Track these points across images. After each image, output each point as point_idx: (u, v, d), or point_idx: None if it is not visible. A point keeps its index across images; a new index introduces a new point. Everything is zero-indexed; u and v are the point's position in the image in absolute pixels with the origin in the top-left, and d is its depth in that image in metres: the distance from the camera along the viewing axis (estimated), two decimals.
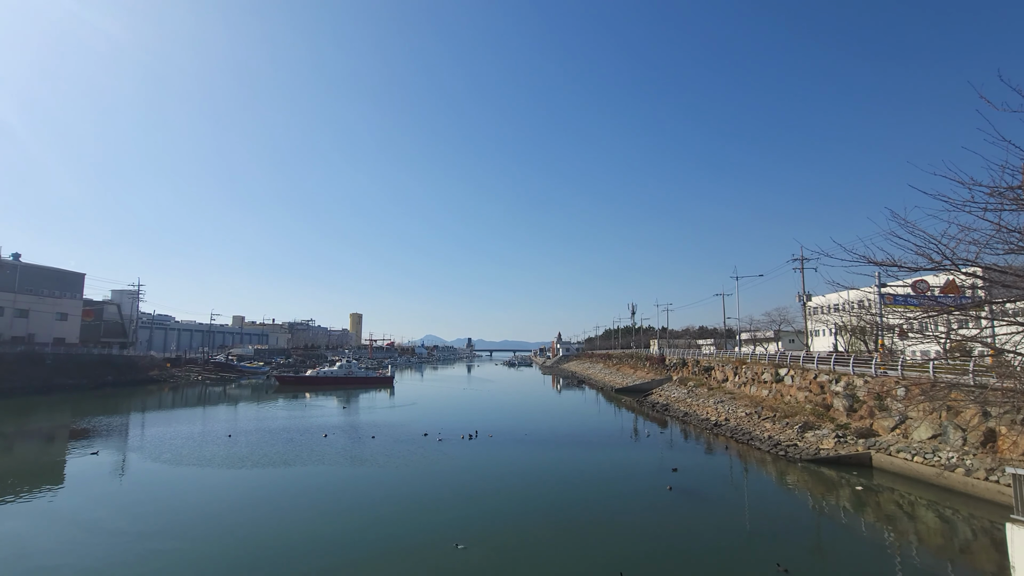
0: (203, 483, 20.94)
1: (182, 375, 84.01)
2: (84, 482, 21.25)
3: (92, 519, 16.24)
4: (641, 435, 34.89)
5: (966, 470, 18.88)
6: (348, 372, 76.69)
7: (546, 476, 23.20)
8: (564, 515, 17.51)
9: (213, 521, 16.17)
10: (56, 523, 15.83)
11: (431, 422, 37.53)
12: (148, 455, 25.68)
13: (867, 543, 15.59)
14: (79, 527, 15.41)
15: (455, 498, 19.37)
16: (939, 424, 21.52)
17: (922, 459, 20.78)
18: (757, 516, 18.11)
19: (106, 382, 67.61)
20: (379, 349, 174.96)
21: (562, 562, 13.65)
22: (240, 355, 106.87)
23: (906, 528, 16.73)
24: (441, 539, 14.66)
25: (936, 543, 15.57)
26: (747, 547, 15.01)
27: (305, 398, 59.17)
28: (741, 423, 33.08)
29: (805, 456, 24.80)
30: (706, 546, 15.06)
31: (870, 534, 16.27)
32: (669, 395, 50.67)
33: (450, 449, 28.13)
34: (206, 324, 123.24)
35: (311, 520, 16.45)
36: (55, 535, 14.75)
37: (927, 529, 16.68)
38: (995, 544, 14.83)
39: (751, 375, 40.93)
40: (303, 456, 25.65)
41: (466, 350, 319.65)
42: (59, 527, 15.46)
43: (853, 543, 15.64)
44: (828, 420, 27.78)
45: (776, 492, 21.25)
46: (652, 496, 20.01)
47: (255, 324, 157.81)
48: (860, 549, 15.15)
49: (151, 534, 14.77)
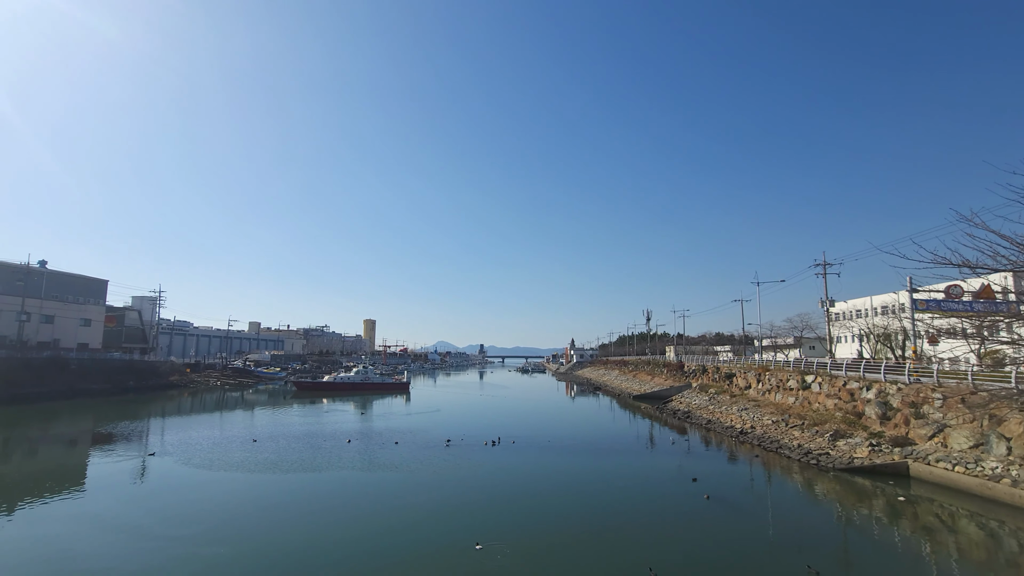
0: (235, 487, 21.05)
1: (201, 380, 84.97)
2: (122, 486, 21.48)
3: (136, 523, 16.35)
4: (664, 442, 34.41)
5: (1013, 481, 18.27)
6: (365, 378, 76.88)
7: (570, 481, 23.12)
8: (590, 520, 17.46)
9: (248, 524, 16.24)
10: (97, 527, 15.94)
11: (452, 428, 37.41)
12: (180, 459, 25.91)
13: (906, 554, 15.12)
14: (122, 531, 15.52)
15: (480, 502, 19.51)
16: (981, 433, 20.90)
17: (964, 469, 20.17)
18: (789, 524, 17.79)
19: (128, 387, 68.56)
20: (392, 355, 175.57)
21: (586, 565, 13.64)
22: (257, 361, 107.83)
23: (949, 540, 16.21)
24: (461, 541, 14.92)
25: (980, 556, 15.02)
26: (779, 553, 14.79)
27: (323, 403, 59.44)
28: (768, 431, 32.49)
29: (838, 465, 24.23)
30: (737, 551, 14.88)
31: (910, 545, 15.79)
32: (690, 402, 50.01)
33: (474, 455, 28.00)
34: (223, 330, 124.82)
35: (340, 523, 16.71)
36: (98, 538, 14.87)
37: (970, 541, 16.12)
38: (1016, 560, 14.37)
39: (775, 382, 40.24)
40: (330, 461, 25.70)
41: (478, 356, 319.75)
42: (100, 531, 15.57)
43: (891, 554, 15.15)
44: (860, 428, 27.15)
45: (809, 501, 20.75)
46: (679, 502, 19.84)
47: (270, 330, 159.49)
48: (899, 561, 14.68)
49: (191, 538, 14.84)
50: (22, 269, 68.46)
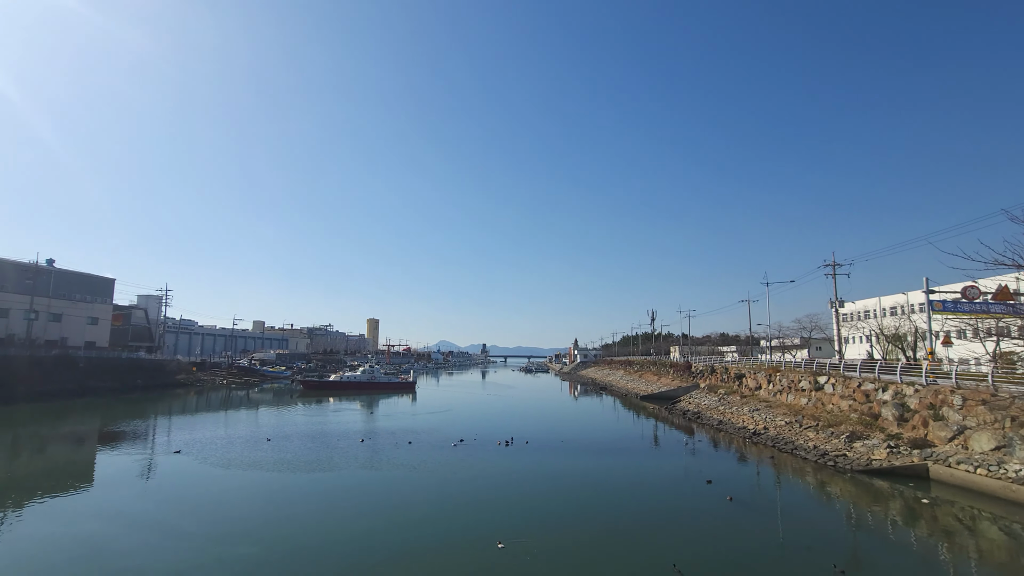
0: (259, 486, 21.09)
1: (208, 379, 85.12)
2: (150, 484, 21.59)
3: (168, 522, 16.40)
4: (677, 443, 34.41)
5: None
6: (371, 377, 76.95)
7: (587, 481, 23.22)
8: (610, 519, 17.57)
9: (275, 523, 16.27)
10: (131, 525, 15.96)
11: (464, 428, 37.41)
12: (200, 458, 25.97)
13: (930, 556, 15.09)
14: (155, 530, 15.55)
15: (500, 500, 19.66)
16: (1003, 435, 20.81)
17: (986, 471, 20.10)
18: (811, 525, 17.80)
19: (136, 385, 68.72)
20: (396, 355, 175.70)
21: (609, 563, 13.71)
22: (262, 360, 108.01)
23: (972, 542, 16.12)
24: (483, 538, 15.02)
25: (1005, 558, 14.93)
26: (803, 553, 14.81)
27: (329, 402, 59.53)
28: (781, 432, 32.42)
29: (856, 467, 24.16)
30: (760, 551, 14.94)
31: (933, 547, 15.74)
32: (699, 403, 49.95)
33: (488, 454, 28.06)
34: (228, 329, 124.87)
35: (364, 520, 16.85)
36: (132, 537, 14.87)
37: (994, 543, 16.02)
38: None
39: (787, 383, 40.16)
40: (347, 460, 25.74)
41: (481, 356, 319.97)
42: (135, 529, 15.59)
43: (915, 555, 15.13)
44: (877, 430, 27.07)
45: (829, 502, 20.69)
46: (699, 502, 19.89)
47: (274, 329, 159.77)
48: (923, 562, 14.66)
49: (223, 536, 14.89)
50: (31, 268, 68.52)
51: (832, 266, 53.65)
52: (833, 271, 53.64)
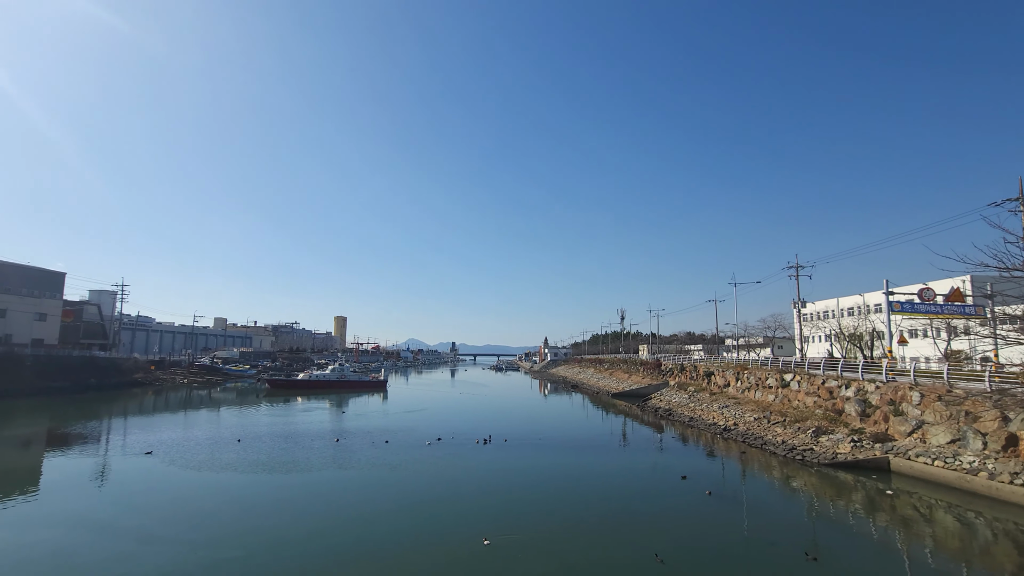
0: (233, 488, 20.43)
1: (167, 378, 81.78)
2: (116, 488, 20.64)
3: (139, 527, 15.68)
4: (652, 439, 35.11)
5: (989, 474, 19.43)
6: (341, 376, 75.47)
7: (568, 477, 23.51)
8: (592, 514, 17.92)
9: (254, 526, 15.79)
10: (98, 531, 15.23)
11: (441, 427, 37.19)
12: (168, 460, 24.95)
13: (892, 544, 15.94)
14: (126, 536, 14.87)
15: (483, 498, 19.71)
16: (958, 429, 22.12)
17: (943, 463, 21.32)
18: (782, 516, 18.67)
19: (89, 385, 65.39)
20: (364, 353, 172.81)
21: (594, 555, 14.14)
22: (225, 358, 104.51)
23: (930, 530, 17.09)
24: (469, 536, 15.11)
25: (960, 545, 15.89)
26: (776, 542, 15.62)
27: (297, 402, 58.15)
28: (751, 428, 33.52)
29: (822, 460, 25.22)
30: (735, 541, 15.66)
31: (894, 535, 16.62)
32: (670, 400, 51.11)
33: (468, 453, 28.00)
34: (189, 326, 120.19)
35: (347, 521, 16.63)
36: (101, 544, 14.19)
37: (950, 531, 17.02)
38: (1017, 546, 15.38)
39: (754, 380, 41.53)
40: (324, 461, 25.22)
41: (450, 354, 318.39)
42: (102, 536, 14.88)
43: (878, 543, 15.97)
44: (841, 425, 28.33)
45: (798, 495, 21.56)
46: (677, 496, 20.52)
47: (237, 327, 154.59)
48: (885, 550, 15.48)
49: (200, 542, 14.33)
50: None
51: (795, 268, 55.84)
52: (796, 273, 55.75)
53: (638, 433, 38.59)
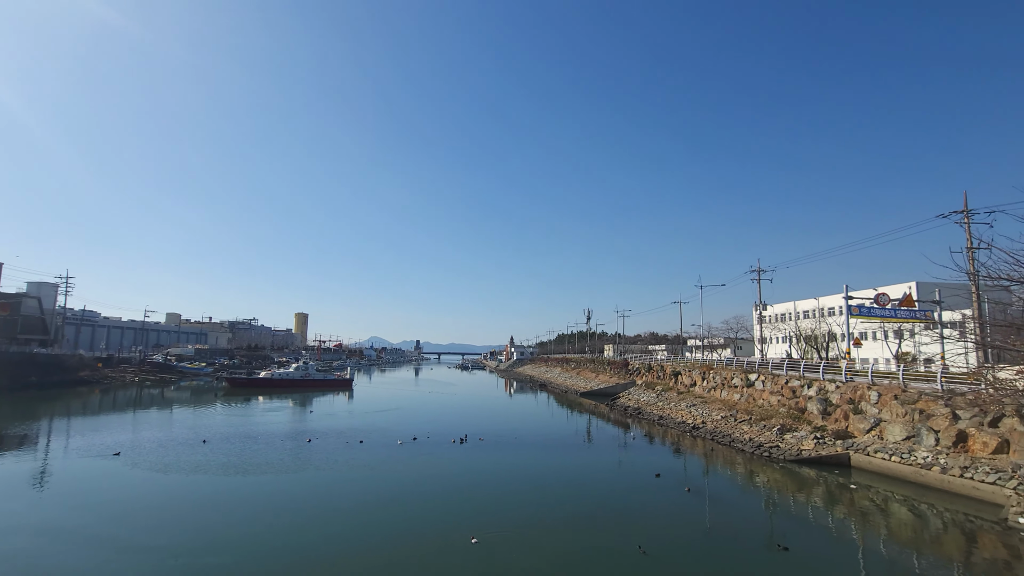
0: (205, 491, 19.61)
1: (116, 376, 77.60)
2: (77, 492, 19.46)
3: (108, 534, 14.82)
4: (624, 438, 35.85)
5: (942, 468, 20.81)
6: (305, 374, 73.47)
7: (548, 475, 23.85)
8: (575, 511, 18.35)
9: (234, 530, 15.27)
10: (65, 540, 14.29)
11: (414, 426, 36.81)
12: (130, 463, 23.70)
13: (852, 533, 17.01)
14: (94, 544, 14.02)
15: (462, 497, 19.76)
16: (913, 426, 23.58)
17: (899, 459, 22.69)
18: (754, 509, 19.63)
19: (29, 383, 61.39)
20: (327, 351, 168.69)
21: (579, 550, 14.54)
22: (179, 355, 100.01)
23: (888, 521, 18.24)
24: (456, 534, 15.12)
25: (913, 534, 17.00)
26: (749, 533, 16.57)
27: (258, 401, 56.34)
28: (719, 426, 34.68)
29: (788, 457, 26.39)
30: (713, 533, 16.52)
31: (855, 526, 17.66)
32: (638, 399, 52.22)
33: (446, 452, 27.89)
34: (139, 321, 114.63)
35: (330, 522, 16.36)
36: (71, 554, 13.33)
37: (905, 521, 18.16)
38: (965, 533, 16.64)
39: (720, 380, 42.97)
40: (298, 462, 24.57)
41: (415, 353, 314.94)
42: (71, 545, 13.97)
43: (840, 532, 17.05)
44: (804, 423, 29.70)
45: (766, 489, 22.51)
46: (653, 493, 21.10)
47: (190, 322, 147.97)
48: (847, 538, 16.54)
49: (177, 548, 13.68)
50: None
51: (758, 272, 58.12)
52: (758, 276, 58.06)
53: (610, 432, 39.30)
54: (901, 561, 14.64)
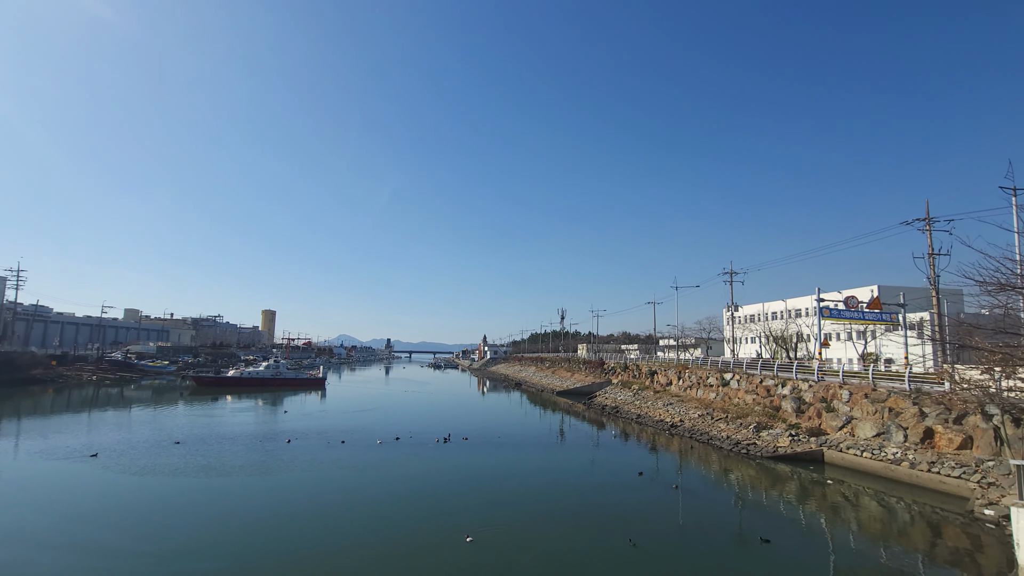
0: (187, 494, 18.91)
1: (72, 375, 73.90)
2: (50, 496, 18.55)
3: (89, 539, 14.20)
4: (604, 436, 36.35)
5: (911, 464, 21.91)
6: (276, 373, 71.66)
7: (535, 473, 24.20)
8: (565, 508, 18.73)
9: (223, 532, 14.83)
10: (46, 546, 13.61)
11: (396, 426, 36.40)
12: (102, 465, 22.68)
13: (827, 525, 17.84)
14: (78, 550, 13.38)
15: (453, 496, 19.78)
16: (882, 423, 24.74)
17: (871, 455, 23.77)
18: (736, 504, 20.28)
19: None
20: (296, 349, 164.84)
21: (572, 545, 14.89)
22: (140, 353, 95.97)
23: (860, 513, 19.17)
24: (450, 533, 15.22)
25: (884, 525, 17.85)
26: (732, 528, 17.41)
27: (227, 400, 54.73)
28: (696, 424, 35.55)
29: (765, 454, 27.30)
30: (697, 527, 17.24)
31: (829, 518, 18.61)
32: (615, 398, 52.99)
33: (430, 452, 27.71)
34: (95, 317, 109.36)
35: (321, 522, 16.22)
36: (54, 560, 12.68)
37: (876, 514, 19.09)
38: (931, 525, 17.59)
39: (696, 379, 44.03)
40: (281, 463, 23.99)
41: (385, 351, 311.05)
42: (52, 551, 13.31)
43: (816, 525, 17.87)
44: (779, 421, 30.76)
45: (746, 485, 23.24)
46: (640, 490, 21.62)
47: (150, 319, 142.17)
48: (822, 530, 17.35)
49: (166, 553, 13.18)
50: None
51: (730, 274, 59.74)
52: (731, 279, 59.72)
53: (589, 431, 39.78)
54: (874, 550, 15.38)
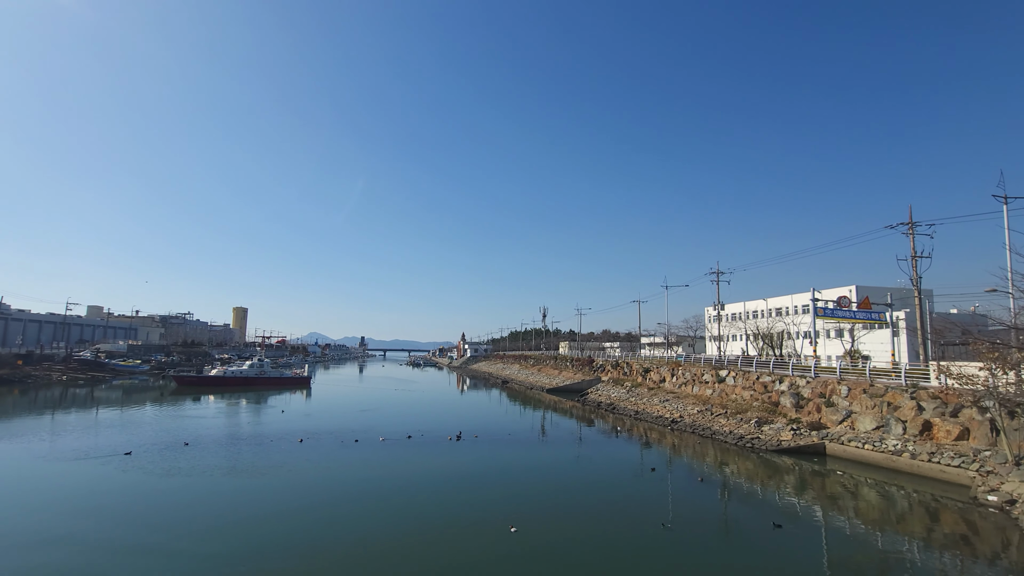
0: (218, 495, 18.84)
1: (41, 375, 70.58)
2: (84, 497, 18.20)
3: (142, 543, 14.01)
4: (607, 432, 37.19)
5: (911, 454, 23.41)
6: (260, 372, 70.10)
7: (552, 469, 25.01)
8: (593, 498, 19.80)
9: (276, 530, 14.92)
10: (100, 550, 13.39)
11: (404, 425, 36.46)
12: (133, 466, 22.27)
13: (837, 511, 19.22)
14: (138, 553, 13.23)
15: (485, 491, 20.55)
16: (882, 417, 26.28)
17: (872, 447, 25.24)
18: (743, 493, 21.63)
19: None
20: (270, 347, 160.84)
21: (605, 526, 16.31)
22: (110, 352, 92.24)
23: (865, 501, 20.56)
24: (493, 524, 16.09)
25: (887, 512, 19.23)
26: (748, 514, 18.71)
27: (209, 400, 53.50)
28: (696, 420, 36.76)
29: (769, 447, 28.59)
30: (716, 512, 18.77)
31: (838, 505, 20.01)
32: (609, 395, 54.04)
33: (446, 449, 28.15)
34: (59, 315, 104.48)
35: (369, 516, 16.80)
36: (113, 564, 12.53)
37: (879, 501, 20.49)
38: (930, 511, 18.97)
39: (690, 376, 45.42)
40: (307, 463, 24.06)
41: (359, 349, 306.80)
42: (107, 554, 13.13)
43: (822, 511, 19.20)
44: (779, 416, 32.18)
45: (753, 476, 24.44)
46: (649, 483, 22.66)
47: (114, 316, 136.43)
48: (827, 516, 18.60)
49: (220, 555, 13.19)
50: None
51: (717, 274, 61.60)
52: (717, 279, 61.58)
53: (592, 427, 40.58)
54: (882, 534, 16.67)
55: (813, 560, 14.28)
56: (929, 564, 14.32)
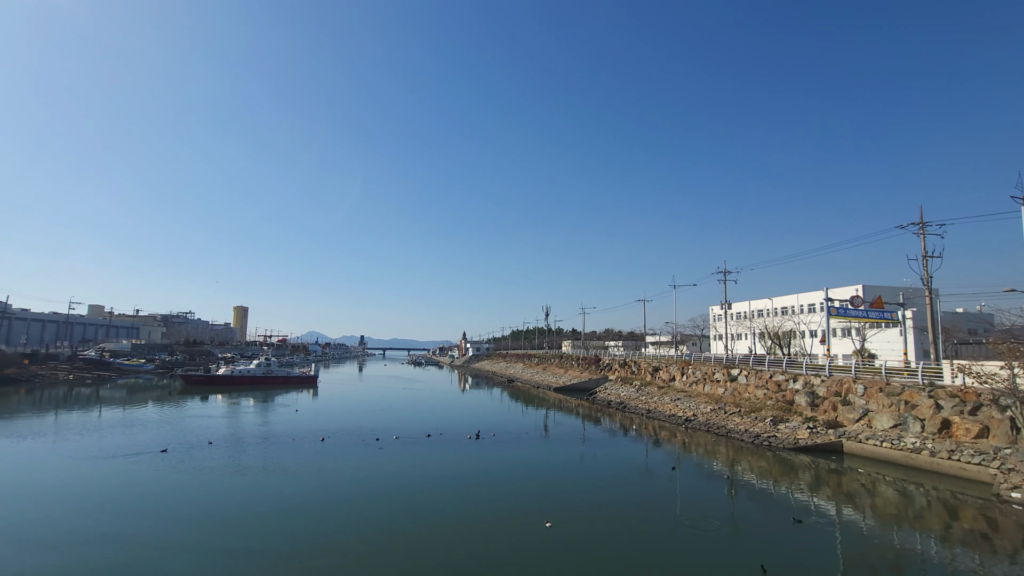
0: (271, 491, 19.17)
1: (47, 374, 70.50)
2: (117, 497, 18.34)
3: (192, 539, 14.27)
4: (622, 431, 37.50)
5: (930, 452, 23.77)
6: (268, 371, 70.24)
7: (574, 468, 25.52)
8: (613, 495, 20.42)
9: (329, 523, 15.26)
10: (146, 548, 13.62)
11: (422, 423, 36.82)
12: (154, 466, 22.46)
13: (856, 506, 19.73)
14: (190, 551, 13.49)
15: (517, 486, 21.15)
16: (899, 415, 26.64)
17: (890, 445, 25.60)
18: (764, 489, 22.10)
19: None
20: (270, 346, 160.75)
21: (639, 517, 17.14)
22: (114, 351, 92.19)
23: (886, 497, 21.02)
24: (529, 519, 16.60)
25: (907, 508, 19.71)
26: (771, 509, 19.35)
27: (217, 399, 53.65)
28: (710, 418, 37.09)
29: (786, 445, 28.93)
30: (736, 509, 19.36)
31: (857, 500, 20.47)
32: (618, 393, 54.35)
33: (470, 448, 28.64)
34: (62, 314, 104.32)
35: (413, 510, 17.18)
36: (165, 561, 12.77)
37: (899, 498, 20.97)
38: (948, 508, 19.31)
39: (701, 375, 45.76)
40: (335, 461, 24.51)
41: (359, 348, 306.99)
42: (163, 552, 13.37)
43: (841, 507, 19.69)
44: (795, 414, 32.53)
45: (773, 473, 24.86)
46: (672, 480, 22.94)
47: (114, 315, 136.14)
48: (847, 511, 19.08)
49: (290, 552, 13.46)
50: None
51: (723, 273, 61.94)
52: (724, 278, 61.87)
53: (604, 426, 40.87)
54: (904, 530, 17.13)
55: (833, 554, 14.69)
56: (951, 559, 14.72)
